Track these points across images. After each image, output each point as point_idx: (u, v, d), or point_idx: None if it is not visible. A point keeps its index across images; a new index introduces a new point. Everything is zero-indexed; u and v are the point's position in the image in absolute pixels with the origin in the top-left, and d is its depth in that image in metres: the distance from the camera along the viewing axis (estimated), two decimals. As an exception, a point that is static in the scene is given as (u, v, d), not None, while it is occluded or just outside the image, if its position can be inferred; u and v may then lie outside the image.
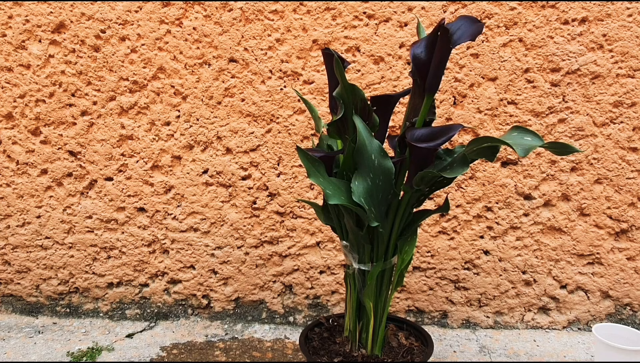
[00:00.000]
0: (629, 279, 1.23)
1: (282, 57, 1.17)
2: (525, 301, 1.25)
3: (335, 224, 0.83)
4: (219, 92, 1.19)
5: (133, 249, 1.27)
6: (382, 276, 0.81)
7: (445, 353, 1.14)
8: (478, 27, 0.63)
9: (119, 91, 1.20)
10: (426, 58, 0.69)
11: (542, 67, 1.15)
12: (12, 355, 1.12)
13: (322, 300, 1.27)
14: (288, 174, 1.22)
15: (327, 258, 1.25)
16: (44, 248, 1.28)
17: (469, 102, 1.17)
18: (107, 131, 1.22)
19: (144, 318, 1.30)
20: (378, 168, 0.72)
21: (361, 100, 0.73)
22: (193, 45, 1.18)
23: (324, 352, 0.84)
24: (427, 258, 1.23)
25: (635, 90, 1.15)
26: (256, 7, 1.15)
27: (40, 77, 1.20)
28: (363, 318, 0.83)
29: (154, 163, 1.23)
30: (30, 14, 1.17)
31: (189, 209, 1.24)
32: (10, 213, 1.27)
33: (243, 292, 1.28)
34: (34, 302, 1.32)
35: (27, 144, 1.23)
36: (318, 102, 1.18)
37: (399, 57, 1.16)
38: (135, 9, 1.17)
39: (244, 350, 1.15)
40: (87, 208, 1.26)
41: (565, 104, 1.16)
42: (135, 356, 1.12)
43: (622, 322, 1.25)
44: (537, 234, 1.22)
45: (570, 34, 1.14)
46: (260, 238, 1.25)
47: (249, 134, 1.20)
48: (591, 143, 1.18)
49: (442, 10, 1.14)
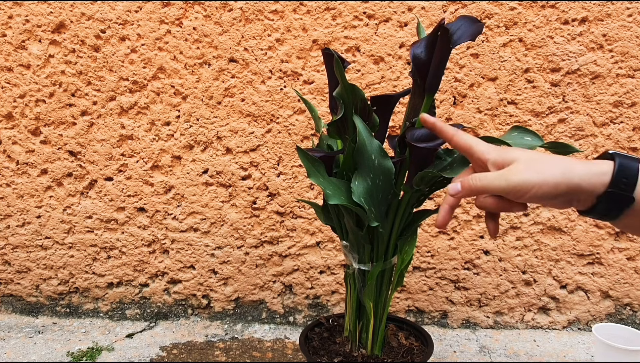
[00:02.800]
0: (629, 279, 1.23)
1: (282, 57, 1.17)
2: (525, 301, 1.25)
3: (335, 224, 0.83)
4: (219, 92, 1.19)
5: (133, 249, 1.27)
6: (382, 276, 0.81)
7: (445, 353, 1.14)
8: (478, 27, 0.63)
9: (119, 91, 1.20)
10: (426, 58, 0.69)
11: (542, 67, 1.15)
12: (12, 355, 1.12)
13: (322, 300, 1.27)
14: (288, 174, 1.22)
15: (327, 258, 1.25)
16: (44, 248, 1.28)
17: (469, 102, 1.17)
18: (107, 131, 1.22)
19: (144, 318, 1.30)
20: (378, 168, 0.72)
21: (361, 100, 0.73)
22: (193, 45, 1.18)
23: (324, 352, 0.84)
24: (427, 258, 1.23)
25: (635, 90, 1.15)
26: (256, 7, 1.15)
27: (40, 77, 1.20)
28: (363, 318, 0.83)
29: (154, 163, 1.23)
30: (30, 14, 1.17)
31: (189, 209, 1.24)
32: (10, 213, 1.27)
33: (243, 292, 1.28)
34: (34, 302, 1.32)
35: (27, 144, 1.23)
36: (318, 102, 1.18)
37: (399, 57, 1.16)
38: (135, 9, 1.17)
39: (244, 350, 1.15)
40: (87, 208, 1.26)
41: (565, 104, 1.16)
42: (135, 356, 1.11)
43: (622, 322, 1.25)
44: (537, 234, 1.22)
45: (570, 34, 1.14)
46: (260, 238, 1.25)
47: (249, 134, 1.20)
48: (591, 143, 1.17)
49: (442, 10, 1.14)
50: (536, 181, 0.44)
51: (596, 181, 0.43)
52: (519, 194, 0.45)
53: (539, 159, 0.45)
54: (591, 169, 0.43)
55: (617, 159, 0.43)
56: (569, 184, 0.43)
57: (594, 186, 0.43)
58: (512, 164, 0.46)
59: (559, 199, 0.45)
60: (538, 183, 0.43)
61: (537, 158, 0.45)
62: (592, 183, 0.43)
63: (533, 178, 0.44)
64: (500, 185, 0.45)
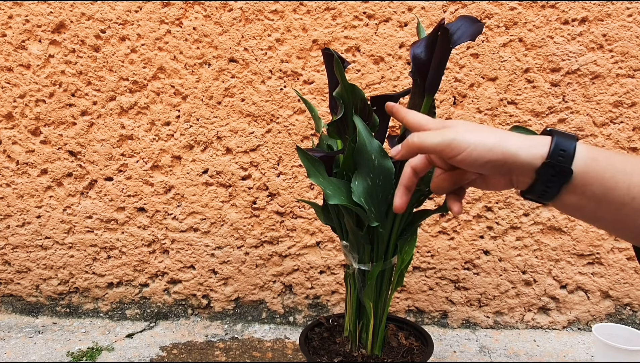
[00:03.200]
0: (629, 279, 1.23)
1: (282, 57, 1.17)
2: (525, 301, 1.25)
3: (335, 224, 0.83)
4: (219, 92, 1.19)
5: (133, 249, 1.27)
6: (382, 276, 0.81)
7: (445, 353, 1.14)
8: (478, 27, 0.63)
9: (119, 91, 1.20)
10: (426, 58, 0.69)
11: (542, 67, 1.15)
12: (12, 355, 1.12)
13: (322, 300, 1.27)
14: (288, 174, 1.22)
15: (327, 258, 1.25)
16: (44, 248, 1.28)
17: (469, 102, 1.17)
18: (107, 131, 1.22)
19: (144, 318, 1.30)
20: (378, 168, 0.72)
21: (361, 100, 0.73)
22: (193, 45, 1.18)
23: (324, 352, 0.84)
24: (427, 258, 1.23)
25: (635, 90, 1.15)
26: (256, 7, 1.15)
27: (40, 77, 1.20)
28: (363, 318, 0.83)
29: (154, 163, 1.23)
30: (30, 14, 1.17)
31: (189, 209, 1.24)
32: (10, 213, 1.27)
33: (243, 292, 1.28)
34: (34, 302, 1.32)
35: (27, 144, 1.23)
36: (318, 102, 1.18)
37: (399, 57, 1.16)
38: (135, 9, 1.17)
39: (244, 350, 1.15)
40: (87, 208, 1.26)
41: (565, 104, 1.16)
42: (135, 356, 1.11)
43: (622, 322, 1.25)
44: (537, 234, 1.22)
45: (570, 34, 1.14)
46: (260, 238, 1.25)
47: (249, 134, 1.21)
48: (591, 143, 1.17)
49: (442, 10, 1.14)
50: (470, 140, 0.44)
51: (533, 152, 0.42)
52: (454, 153, 0.44)
53: (478, 126, 0.46)
54: (527, 141, 0.43)
55: (554, 134, 0.43)
56: (504, 151, 0.43)
57: (532, 157, 0.42)
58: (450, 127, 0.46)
59: (496, 169, 0.44)
60: (473, 143, 0.43)
61: (476, 126, 0.46)
62: (530, 154, 0.42)
63: (467, 137, 0.44)
64: (435, 140, 0.45)
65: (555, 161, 0.42)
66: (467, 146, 0.44)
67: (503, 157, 0.43)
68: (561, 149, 0.42)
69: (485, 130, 0.45)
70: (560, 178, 0.42)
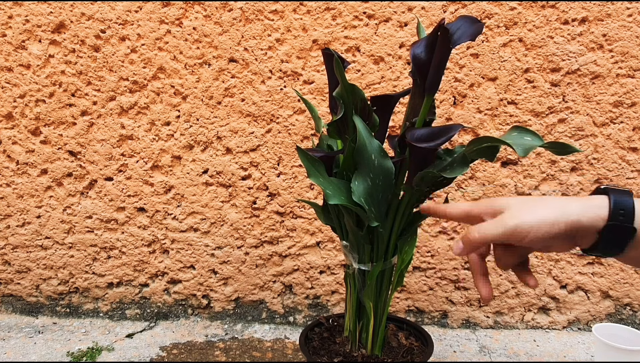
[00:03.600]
0: (629, 279, 1.23)
1: (282, 57, 1.17)
2: (525, 301, 1.25)
3: (335, 224, 0.83)
4: (219, 92, 1.19)
5: (133, 249, 1.27)
6: (382, 276, 0.81)
7: (445, 353, 1.14)
8: (478, 27, 0.63)
9: (119, 91, 1.20)
10: (426, 58, 0.69)
11: (542, 67, 1.15)
12: (12, 355, 1.12)
13: (322, 300, 1.27)
14: (288, 174, 1.22)
15: (327, 258, 1.25)
16: (44, 248, 1.28)
17: (469, 102, 1.17)
18: (107, 131, 1.22)
19: (144, 318, 1.30)
20: (378, 168, 0.72)
21: (361, 100, 0.73)
22: (193, 45, 1.18)
23: (324, 352, 0.84)
24: (427, 258, 1.23)
25: (635, 90, 1.15)
26: (256, 7, 1.15)
27: (40, 77, 1.20)
28: (363, 318, 0.83)
29: (154, 163, 1.23)
30: (30, 14, 1.17)
31: (189, 209, 1.24)
32: (10, 213, 1.27)
33: (243, 292, 1.28)
34: (34, 302, 1.32)
35: (27, 144, 1.23)
36: (318, 102, 1.18)
37: (399, 57, 1.16)
38: (135, 9, 1.17)
39: (244, 350, 1.15)
40: (87, 208, 1.26)
41: (565, 104, 1.16)
42: (135, 356, 1.12)
43: (622, 322, 1.25)
44: (537, 234, 1.21)
45: (570, 34, 1.14)
46: (260, 238, 1.25)
47: (249, 134, 1.21)
48: (591, 143, 1.18)
49: (442, 10, 1.14)
50: (532, 222, 0.44)
51: (594, 215, 0.43)
52: (519, 238, 0.45)
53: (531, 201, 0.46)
54: (587, 204, 0.44)
55: (610, 193, 0.43)
56: (566, 221, 0.43)
57: (594, 221, 0.43)
58: (504, 211, 0.46)
59: (561, 239, 0.45)
60: (536, 224, 0.44)
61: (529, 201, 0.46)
62: (590, 218, 0.43)
63: (527, 219, 0.44)
64: (498, 231, 0.46)
65: (617, 221, 0.42)
66: (530, 229, 0.44)
67: (566, 228, 0.44)
68: (621, 209, 0.42)
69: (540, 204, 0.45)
70: (623, 237, 0.43)
